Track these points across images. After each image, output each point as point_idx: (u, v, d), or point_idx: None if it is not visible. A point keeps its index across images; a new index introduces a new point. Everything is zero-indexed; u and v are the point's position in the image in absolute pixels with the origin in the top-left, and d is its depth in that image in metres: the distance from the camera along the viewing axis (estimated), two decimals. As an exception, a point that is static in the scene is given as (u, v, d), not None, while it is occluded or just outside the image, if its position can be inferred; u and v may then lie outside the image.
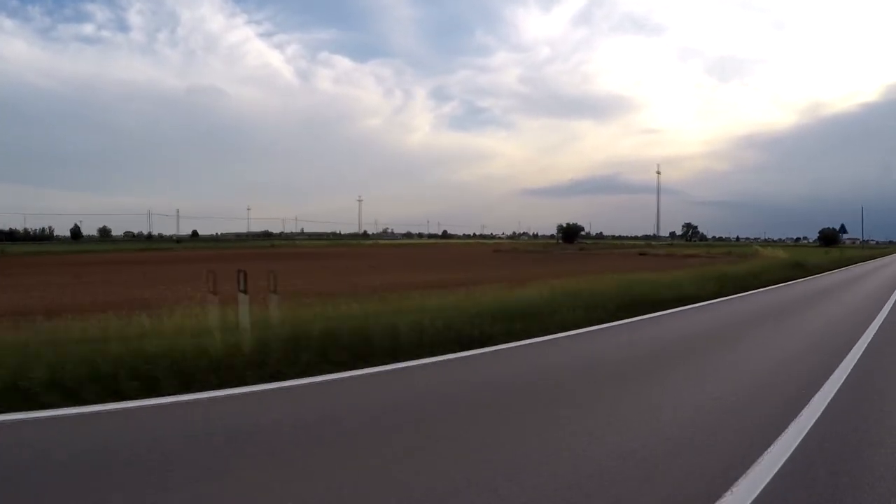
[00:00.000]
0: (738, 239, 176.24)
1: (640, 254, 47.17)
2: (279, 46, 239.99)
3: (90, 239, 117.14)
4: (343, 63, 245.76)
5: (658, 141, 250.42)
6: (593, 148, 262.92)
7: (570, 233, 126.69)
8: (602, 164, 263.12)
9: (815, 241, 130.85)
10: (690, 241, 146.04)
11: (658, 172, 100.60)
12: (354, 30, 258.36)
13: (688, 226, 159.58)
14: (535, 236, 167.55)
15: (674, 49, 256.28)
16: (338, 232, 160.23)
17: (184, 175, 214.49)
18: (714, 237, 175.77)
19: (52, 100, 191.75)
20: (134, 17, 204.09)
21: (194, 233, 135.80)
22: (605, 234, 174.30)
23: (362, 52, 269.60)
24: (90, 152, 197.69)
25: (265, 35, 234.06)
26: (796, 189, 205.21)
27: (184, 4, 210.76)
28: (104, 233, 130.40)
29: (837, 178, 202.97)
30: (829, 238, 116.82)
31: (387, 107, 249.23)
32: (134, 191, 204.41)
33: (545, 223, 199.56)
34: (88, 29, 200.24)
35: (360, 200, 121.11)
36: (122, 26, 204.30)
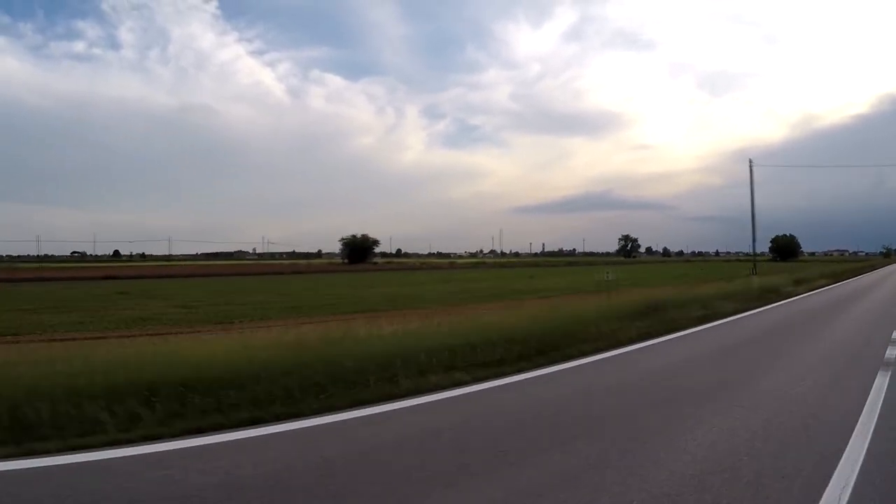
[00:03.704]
0: (717, 253, 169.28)
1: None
2: (270, 64, 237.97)
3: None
4: (335, 81, 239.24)
5: (651, 157, 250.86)
6: (585, 165, 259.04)
7: (358, 249, 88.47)
8: (594, 181, 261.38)
9: (768, 254, 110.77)
10: (629, 256, 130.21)
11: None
12: (346, 48, 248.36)
13: (626, 238, 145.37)
14: (517, 254, 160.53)
15: (665, 64, 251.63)
16: (294, 251, 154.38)
17: (175, 193, 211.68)
18: (692, 251, 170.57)
19: (45, 117, 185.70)
20: (125, 35, 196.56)
21: (115, 252, 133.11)
22: (594, 251, 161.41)
23: (354, 71, 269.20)
24: (82, 170, 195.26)
25: (256, 53, 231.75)
26: (790, 202, 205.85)
27: (174, 22, 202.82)
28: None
29: (830, 189, 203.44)
30: (785, 249, 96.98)
31: (379, 125, 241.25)
32: (126, 209, 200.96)
33: (539, 240, 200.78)
34: (80, 46, 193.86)
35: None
36: (114, 44, 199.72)
